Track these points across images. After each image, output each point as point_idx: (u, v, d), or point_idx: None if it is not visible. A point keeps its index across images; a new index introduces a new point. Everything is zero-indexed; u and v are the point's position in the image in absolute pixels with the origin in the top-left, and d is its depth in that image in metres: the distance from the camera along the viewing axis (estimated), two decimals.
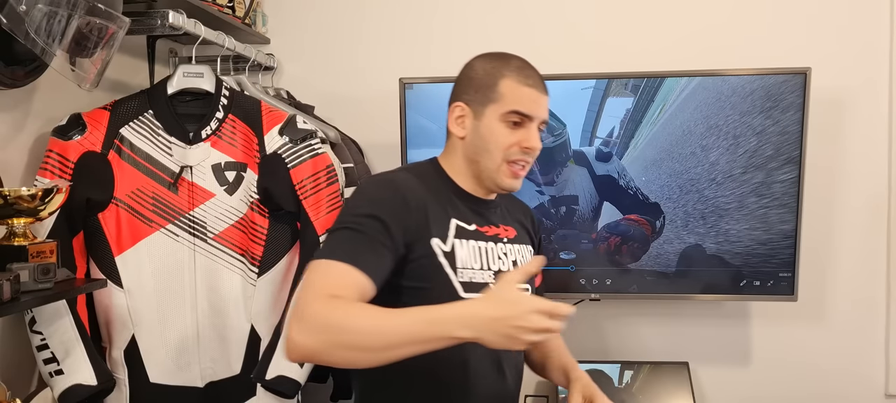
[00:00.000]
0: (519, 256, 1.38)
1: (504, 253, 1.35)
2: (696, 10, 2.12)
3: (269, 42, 2.25)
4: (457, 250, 1.28)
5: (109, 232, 1.61)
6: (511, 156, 1.29)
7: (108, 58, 1.38)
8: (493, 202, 1.39)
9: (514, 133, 1.29)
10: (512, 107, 1.28)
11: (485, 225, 1.35)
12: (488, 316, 1.05)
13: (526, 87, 1.29)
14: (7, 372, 1.53)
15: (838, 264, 2.12)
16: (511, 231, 1.40)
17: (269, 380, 1.63)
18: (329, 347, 1.06)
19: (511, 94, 1.28)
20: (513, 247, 1.38)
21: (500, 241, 1.36)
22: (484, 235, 1.34)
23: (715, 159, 1.94)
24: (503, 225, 1.39)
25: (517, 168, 1.30)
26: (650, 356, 2.14)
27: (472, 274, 1.28)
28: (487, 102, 1.30)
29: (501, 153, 1.29)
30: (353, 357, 1.09)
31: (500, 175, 1.30)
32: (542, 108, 1.31)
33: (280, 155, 1.68)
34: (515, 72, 1.30)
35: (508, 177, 1.31)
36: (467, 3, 2.20)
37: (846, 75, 2.06)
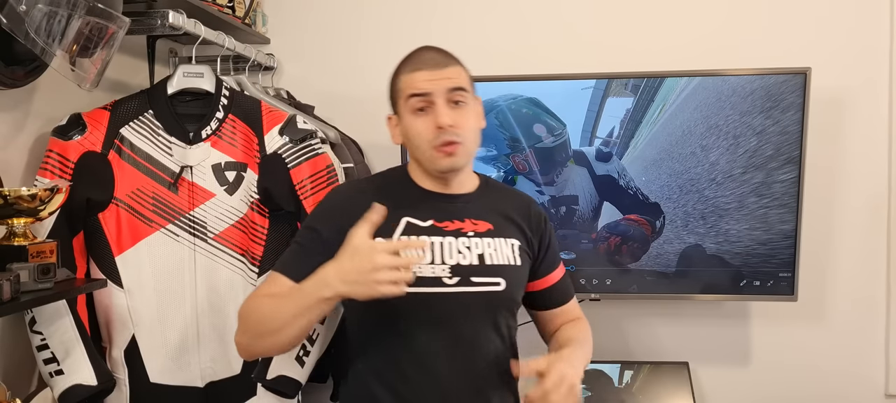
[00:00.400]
0: (489, 249, 1.36)
1: (467, 247, 1.34)
2: (696, 10, 2.12)
3: (269, 42, 2.25)
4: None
5: (109, 232, 1.61)
6: (434, 141, 1.30)
7: (108, 58, 1.38)
8: (463, 197, 1.39)
9: (426, 118, 1.30)
10: (408, 92, 1.31)
11: (445, 221, 1.35)
12: (341, 270, 1.15)
13: (415, 72, 1.31)
14: (7, 372, 1.53)
15: (838, 264, 2.12)
16: (484, 224, 1.38)
17: (269, 380, 1.63)
18: (252, 339, 1.28)
19: (406, 85, 1.32)
20: (482, 241, 1.36)
21: (464, 235, 1.35)
22: (441, 230, 1.34)
23: (715, 159, 1.94)
24: (472, 220, 1.37)
25: (446, 147, 1.30)
26: (650, 356, 2.14)
27: (417, 268, 1.27)
28: (398, 102, 1.35)
29: (424, 142, 1.31)
30: (269, 343, 1.28)
31: (434, 161, 1.32)
32: (439, 81, 1.30)
33: (280, 155, 1.68)
34: (407, 64, 1.34)
35: (443, 159, 1.31)
36: (467, 3, 2.20)
37: (846, 75, 2.06)
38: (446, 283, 1.31)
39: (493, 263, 1.35)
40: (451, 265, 1.32)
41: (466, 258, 1.33)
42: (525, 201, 1.50)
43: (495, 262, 1.35)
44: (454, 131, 1.29)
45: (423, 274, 1.29)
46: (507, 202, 1.46)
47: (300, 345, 1.65)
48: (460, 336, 1.32)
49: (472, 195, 1.41)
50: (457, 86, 1.31)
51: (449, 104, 1.30)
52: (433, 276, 1.30)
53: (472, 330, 1.33)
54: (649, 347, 2.18)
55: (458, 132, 1.30)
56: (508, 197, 1.49)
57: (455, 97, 1.31)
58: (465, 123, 1.31)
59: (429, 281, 1.29)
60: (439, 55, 1.34)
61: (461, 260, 1.33)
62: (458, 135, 1.30)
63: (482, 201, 1.42)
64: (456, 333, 1.31)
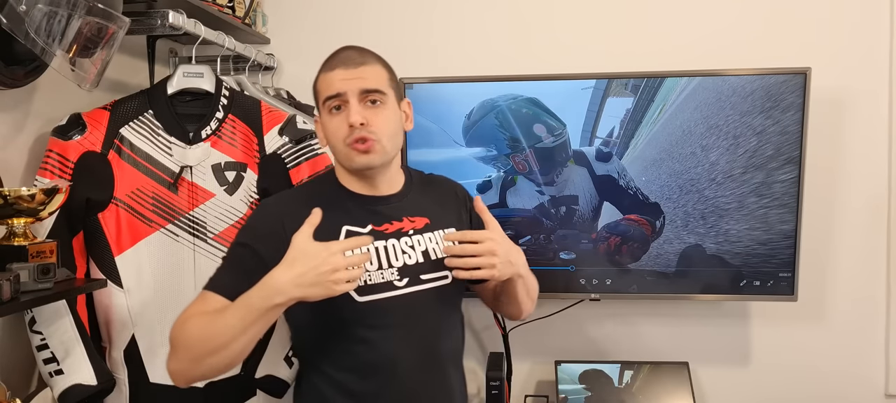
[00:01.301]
0: (431, 244, 1.37)
1: (410, 247, 1.35)
2: (696, 11, 2.12)
3: (269, 42, 2.25)
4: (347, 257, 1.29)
5: (109, 232, 1.60)
6: (347, 138, 1.30)
7: (108, 58, 1.38)
8: (394, 196, 1.39)
9: (340, 116, 1.30)
10: (324, 95, 1.32)
11: (384, 224, 1.35)
12: (293, 276, 1.14)
13: (329, 73, 1.32)
14: (7, 372, 1.53)
15: (838, 264, 2.12)
16: (421, 220, 1.39)
17: (257, 379, 1.64)
18: (192, 362, 1.21)
19: (322, 86, 1.33)
20: (423, 237, 1.37)
21: (405, 235, 1.36)
22: (382, 233, 1.34)
23: (715, 159, 1.94)
24: (409, 217, 1.38)
25: (359, 145, 1.29)
26: (650, 356, 2.14)
27: (366, 277, 1.29)
28: (318, 104, 1.36)
29: (339, 140, 1.31)
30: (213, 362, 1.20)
31: (350, 158, 1.32)
32: (353, 81, 1.29)
33: (280, 155, 1.68)
34: (323, 68, 1.34)
35: (357, 156, 1.31)
36: (467, 4, 2.20)
37: (846, 75, 2.06)
38: (397, 286, 1.31)
39: (438, 257, 1.36)
40: (399, 267, 1.33)
41: (412, 257, 1.34)
42: (449, 184, 1.52)
43: (440, 256, 1.36)
44: (367, 129, 1.29)
45: (374, 281, 1.30)
46: (436, 191, 1.48)
47: (289, 347, 1.65)
48: (417, 334, 1.33)
49: (403, 192, 1.41)
50: (370, 87, 1.30)
51: (363, 103, 1.30)
52: (383, 281, 1.31)
53: (428, 326, 1.34)
54: (649, 347, 2.18)
55: (372, 130, 1.29)
56: (435, 185, 1.50)
57: (370, 97, 1.30)
58: (378, 123, 1.30)
59: (380, 286, 1.30)
60: (356, 54, 1.32)
61: (407, 260, 1.34)
62: (372, 133, 1.29)
63: (413, 196, 1.42)
64: (412, 332, 1.32)
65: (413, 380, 1.32)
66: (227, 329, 1.18)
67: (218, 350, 1.18)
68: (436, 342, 1.36)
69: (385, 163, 1.35)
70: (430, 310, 1.35)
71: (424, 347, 1.34)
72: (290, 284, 1.14)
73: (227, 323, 1.18)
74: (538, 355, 2.21)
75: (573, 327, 2.19)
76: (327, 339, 1.32)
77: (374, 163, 1.32)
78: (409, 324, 1.32)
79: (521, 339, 2.16)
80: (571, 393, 2.03)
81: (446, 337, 1.38)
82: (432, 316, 1.35)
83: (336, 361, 1.32)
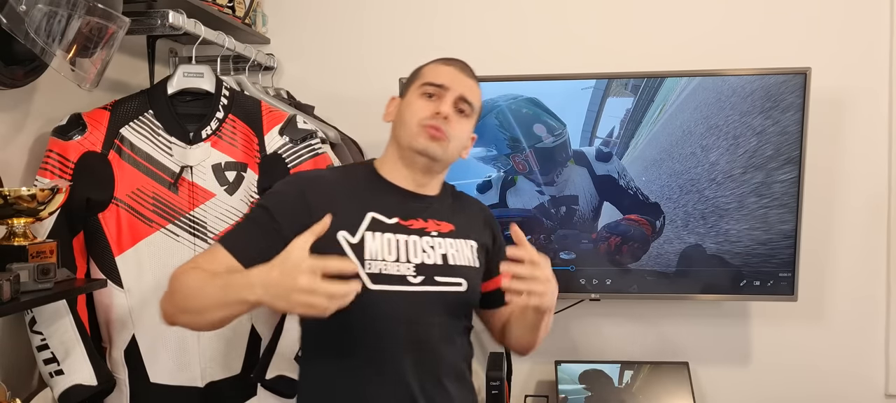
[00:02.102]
0: (451, 250, 1.37)
1: (431, 247, 1.36)
2: (696, 11, 2.12)
3: (269, 42, 2.25)
4: (367, 242, 1.31)
5: (109, 232, 1.60)
6: (425, 119, 1.35)
7: (108, 58, 1.38)
8: (427, 198, 1.41)
9: (429, 102, 1.37)
10: (426, 80, 1.39)
11: (410, 219, 1.37)
12: (267, 278, 1.11)
13: (442, 65, 1.41)
14: (7, 372, 1.53)
15: (838, 264, 2.12)
16: (446, 225, 1.40)
17: (268, 380, 1.63)
18: (176, 311, 1.23)
19: (428, 72, 1.41)
20: (444, 241, 1.38)
21: (428, 235, 1.37)
22: (407, 228, 1.35)
23: (715, 159, 1.94)
24: (436, 220, 1.39)
25: (432, 130, 1.34)
26: (650, 356, 2.14)
27: (382, 266, 1.30)
28: (411, 85, 1.42)
29: (415, 117, 1.36)
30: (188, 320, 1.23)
31: (416, 138, 1.35)
32: (458, 83, 1.38)
33: (280, 155, 1.68)
34: (436, 61, 1.44)
35: (424, 138, 1.34)
36: (467, 4, 2.20)
37: (846, 75, 2.06)
38: (411, 282, 1.31)
39: (456, 264, 1.37)
40: (416, 264, 1.33)
41: (430, 257, 1.35)
42: (481, 207, 1.55)
43: (458, 263, 1.37)
44: (447, 124, 1.34)
45: (389, 272, 1.30)
46: (465, 206, 1.49)
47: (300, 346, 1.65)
48: (423, 334, 1.32)
49: (435, 197, 1.43)
50: (469, 98, 1.38)
51: (455, 105, 1.37)
52: (398, 274, 1.31)
53: (435, 328, 1.34)
54: (649, 347, 2.18)
55: (449, 128, 1.35)
56: (465, 201, 1.52)
57: (462, 105, 1.38)
58: (458, 129, 1.37)
59: (394, 278, 1.30)
60: (469, 68, 1.43)
61: (425, 259, 1.34)
62: (448, 130, 1.35)
63: (444, 203, 1.44)
64: (418, 331, 1.32)
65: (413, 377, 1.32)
66: (204, 297, 1.19)
67: (193, 312, 1.21)
68: (441, 345, 1.35)
69: (441, 162, 1.39)
70: (439, 312, 1.34)
71: (429, 348, 1.33)
72: (261, 285, 1.11)
73: (207, 293, 1.19)
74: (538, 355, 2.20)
75: (573, 327, 2.19)
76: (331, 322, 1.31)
77: (435, 152, 1.35)
78: (417, 321, 1.32)
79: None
80: (571, 393, 2.03)
81: (451, 343, 1.37)
82: (441, 319, 1.35)
83: (340, 346, 1.32)
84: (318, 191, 1.33)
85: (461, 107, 1.37)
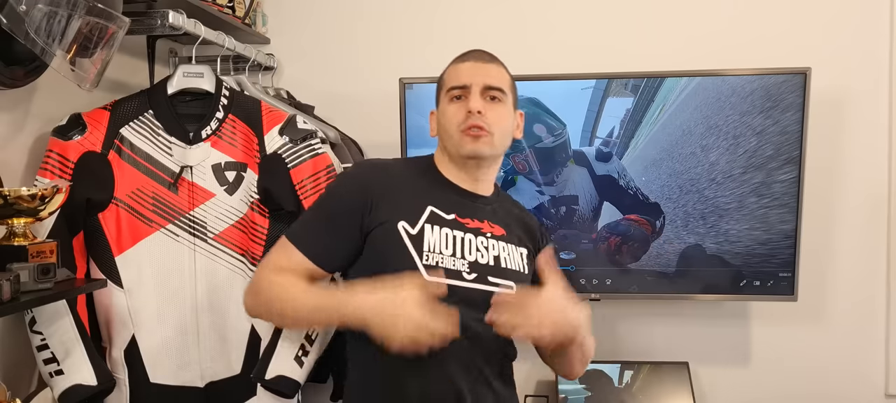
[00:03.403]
0: (503, 253, 1.39)
1: (484, 247, 1.37)
2: (696, 11, 2.12)
3: (269, 42, 2.25)
4: (426, 234, 1.33)
5: (109, 232, 1.61)
6: (462, 124, 1.35)
7: (108, 58, 1.38)
8: (483, 198, 1.43)
9: (460, 104, 1.37)
10: (449, 84, 1.40)
11: (466, 217, 1.38)
12: (375, 299, 1.20)
13: (459, 64, 1.41)
14: (7, 372, 1.53)
15: (838, 264, 2.12)
16: (499, 229, 1.41)
17: (268, 380, 1.63)
18: (264, 310, 1.37)
19: (449, 76, 1.41)
20: (498, 244, 1.39)
21: (483, 235, 1.38)
22: (463, 226, 1.37)
23: (715, 159, 1.94)
24: (490, 222, 1.40)
25: (472, 131, 1.35)
26: (650, 356, 2.14)
27: (439, 258, 1.32)
28: (440, 94, 1.44)
29: (453, 124, 1.37)
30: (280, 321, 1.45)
31: (460, 144, 1.36)
32: (478, 74, 1.37)
33: (280, 155, 1.68)
34: (455, 60, 1.43)
35: (468, 143, 1.36)
36: (467, 3, 2.20)
37: (846, 76, 2.07)
38: (465, 278, 1.33)
39: (507, 267, 1.38)
40: (470, 261, 1.34)
41: (484, 257, 1.36)
42: (532, 218, 1.56)
43: (509, 266, 1.38)
44: (482, 118, 1.34)
45: (445, 266, 1.31)
46: (517, 213, 1.50)
47: (299, 345, 1.65)
48: (472, 330, 1.32)
49: (490, 198, 1.44)
50: (494, 84, 1.37)
51: (484, 96, 1.37)
52: (454, 269, 1.32)
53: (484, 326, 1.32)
54: (649, 347, 2.18)
55: (487, 121, 1.35)
56: (518, 209, 1.54)
57: (491, 93, 1.37)
58: (495, 118, 1.37)
59: (449, 272, 1.31)
60: (487, 54, 1.42)
61: (479, 258, 1.36)
62: (487, 124, 1.35)
63: (499, 207, 1.45)
64: (468, 327, 1.31)
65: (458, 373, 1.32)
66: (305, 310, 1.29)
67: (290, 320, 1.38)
68: (487, 344, 1.35)
69: (493, 155, 1.40)
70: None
71: (475, 345, 1.33)
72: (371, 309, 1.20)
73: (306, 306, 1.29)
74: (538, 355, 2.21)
75: None
76: None
77: (483, 151, 1.37)
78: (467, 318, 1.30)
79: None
80: (571, 393, 2.03)
81: (498, 343, 1.37)
82: None
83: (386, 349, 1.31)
84: (380, 182, 1.37)
85: (492, 95, 1.38)
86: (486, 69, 1.39)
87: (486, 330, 1.33)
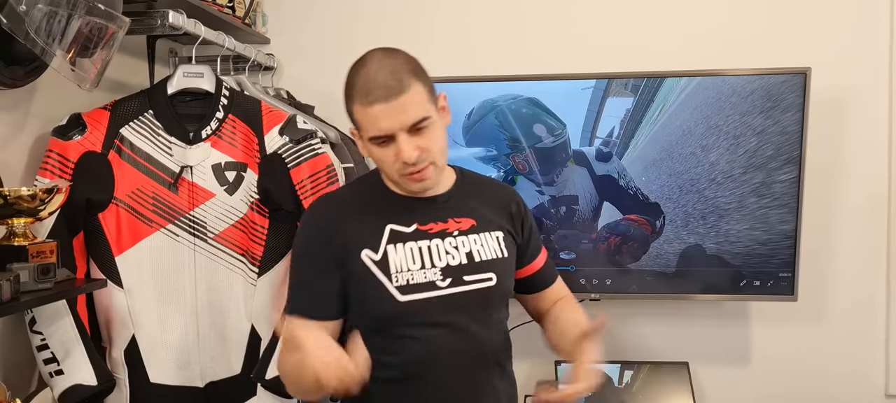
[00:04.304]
0: (475, 246, 1.35)
1: (454, 247, 1.34)
2: (696, 11, 2.12)
3: (269, 42, 2.25)
4: (390, 255, 1.29)
5: (109, 232, 1.61)
6: (401, 170, 1.26)
7: (108, 58, 1.38)
8: (440, 196, 1.37)
9: (388, 149, 1.25)
10: (368, 134, 1.25)
11: (428, 223, 1.34)
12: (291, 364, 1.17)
13: (368, 108, 1.22)
14: (7, 372, 1.53)
15: (838, 264, 2.12)
16: (467, 221, 1.37)
17: (268, 380, 1.63)
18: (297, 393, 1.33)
19: (362, 121, 1.25)
20: (467, 238, 1.35)
21: (449, 236, 1.34)
22: (426, 233, 1.33)
23: (715, 159, 1.94)
24: (455, 218, 1.36)
25: (414, 174, 1.26)
26: (650, 356, 2.14)
27: (409, 276, 1.29)
28: (357, 128, 1.29)
29: (393, 170, 1.28)
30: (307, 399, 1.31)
31: (405, 185, 1.30)
32: (397, 117, 1.21)
33: (280, 155, 1.68)
34: (359, 94, 1.23)
35: (413, 184, 1.29)
36: (467, 4, 2.20)
37: (846, 76, 2.06)
38: (440, 286, 1.30)
39: (482, 259, 1.35)
40: (442, 267, 1.32)
41: (455, 258, 1.33)
42: (504, 190, 1.50)
43: (484, 258, 1.35)
44: (420, 158, 1.24)
45: (416, 281, 1.29)
46: (486, 193, 1.44)
47: None
48: (458, 335, 1.32)
49: (450, 192, 1.39)
50: (416, 119, 1.23)
51: (411, 134, 1.23)
52: (426, 281, 1.30)
53: (470, 327, 1.33)
54: (649, 347, 2.18)
55: (425, 156, 1.25)
56: (487, 187, 1.48)
57: (416, 126, 1.24)
58: (430, 145, 1.25)
59: (422, 286, 1.29)
60: (391, 79, 1.21)
61: (451, 260, 1.33)
62: (425, 159, 1.25)
63: (461, 197, 1.40)
64: (454, 333, 1.31)
65: (456, 381, 1.31)
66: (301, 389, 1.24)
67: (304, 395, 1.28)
68: (478, 343, 1.34)
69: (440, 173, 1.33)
70: (472, 311, 1.33)
71: (467, 348, 1.32)
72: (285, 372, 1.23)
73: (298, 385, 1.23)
74: (538, 355, 2.20)
75: None
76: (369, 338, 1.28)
77: (431, 185, 1.32)
78: (451, 325, 1.31)
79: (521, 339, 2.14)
80: None
81: (489, 339, 1.36)
82: (475, 318, 1.34)
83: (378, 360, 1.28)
84: (337, 218, 1.33)
85: (418, 127, 1.24)
86: (400, 106, 1.20)
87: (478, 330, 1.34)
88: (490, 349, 1.37)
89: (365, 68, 1.25)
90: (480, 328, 1.35)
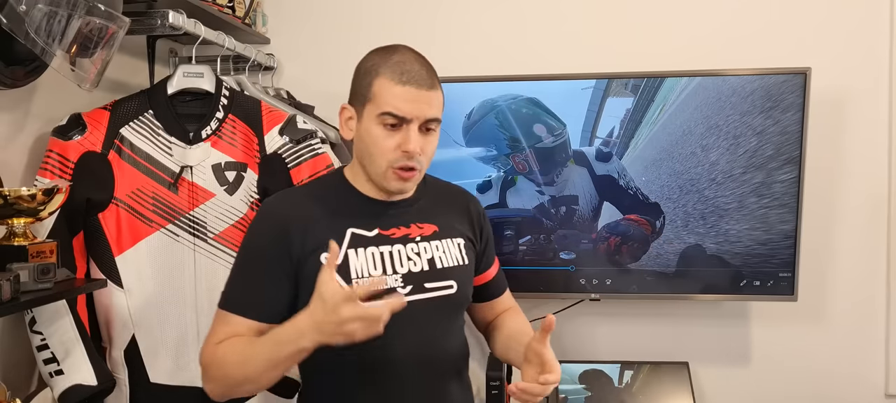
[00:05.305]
0: (437, 252, 1.34)
1: (416, 253, 1.32)
2: (696, 11, 2.12)
3: (269, 42, 2.25)
4: (350, 260, 1.27)
5: (109, 232, 1.61)
6: (394, 162, 1.25)
7: (108, 58, 1.38)
8: (404, 202, 1.36)
9: (393, 136, 1.24)
10: (383, 108, 1.23)
11: (391, 228, 1.32)
12: (314, 322, 1.10)
13: (399, 86, 1.22)
14: (7, 372, 1.53)
15: (838, 264, 2.12)
16: (429, 227, 1.36)
17: None
18: (228, 387, 1.24)
19: (384, 94, 1.23)
20: (429, 245, 1.34)
21: (412, 241, 1.33)
22: (388, 238, 1.31)
23: (715, 159, 1.94)
24: (418, 224, 1.35)
25: (403, 172, 1.25)
26: (650, 356, 2.14)
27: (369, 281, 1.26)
28: (365, 102, 1.26)
29: (383, 158, 1.25)
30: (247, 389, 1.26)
31: (386, 180, 1.28)
32: (423, 107, 1.23)
33: (280, 155, 1.68)
34: (391, 69, 1.23)
35: (395, 181, 1.27)
36: (467, 4, 2.20)
37: (846, 76, 2.06)
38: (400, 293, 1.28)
39: (444, 266, 1.34)
40: (403, 274, 1.30)
41: (417, 264, 1.32)
42: (464, 197, 1.49)
43: (445, 265, 1.34)
44: (418, 158, 1.25)
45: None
46: (448, 200, 1.44)
47: None
48: (417, 342, 1.31)
49: (413, 198, 1.37)
50: (434, 116, 1.26)
51: (421, 130, 1.25)
52: (387, 288, 1.28)
53: (429, 334, 1.32)
54: (649, 347, 2.18)
55: (421, 159, 1.26)
56: (449, 194, 1.47)
57: (428, 125, 1.26)
58: (428, 150, 1.28)
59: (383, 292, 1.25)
60: (427, 73, 1.25)
61: (412, 267, 1.31)
62: (420, 162, 1.26)
63: (424, 202, 1.39)
64: (413, 340, 1.30)
65: (413, 388, 1.31)
66: (259, 362, 1.18)
67: (251, 380, 1.21)
68: (437, 351, 1.34)
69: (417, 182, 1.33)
70: (432, 319, 1.33)
71: (425, 355, 1.32)
72: (312, 329, 1.11)
73: (258, 358, 1.18)
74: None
75: (573, 327, 2.19)
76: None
77: (410, 189, 1.31)
78: (411, 332, 1.29)
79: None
80: (571, 393, 2.03)
81: (448, 347, 1.36)
82: (435, 325, 1.33)
83: (338, 365, 1.30)
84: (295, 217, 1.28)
85: (429, 127, 1.26)
86: (428, 98, 1.23)
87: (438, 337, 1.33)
88: (449, 356, 1.37)
89: (398, 54, 1.26)
90: (440, 335, 1.34)
